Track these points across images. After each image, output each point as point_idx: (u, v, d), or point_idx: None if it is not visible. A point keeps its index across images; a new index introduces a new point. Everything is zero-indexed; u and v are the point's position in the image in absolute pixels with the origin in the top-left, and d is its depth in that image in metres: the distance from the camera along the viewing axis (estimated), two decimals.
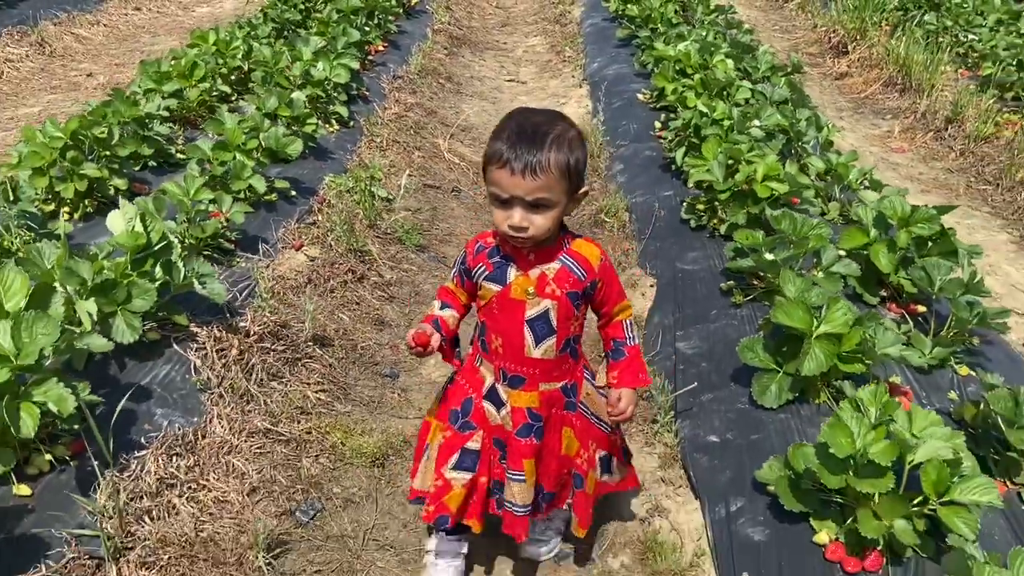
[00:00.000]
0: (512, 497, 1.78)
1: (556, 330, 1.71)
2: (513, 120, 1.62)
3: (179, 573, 1.78)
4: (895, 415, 1.88)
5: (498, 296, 1.71)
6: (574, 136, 1.61)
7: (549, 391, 1.78)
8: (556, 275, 1.69)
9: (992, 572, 1.47)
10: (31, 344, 1.80)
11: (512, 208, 1.58)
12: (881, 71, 6.17)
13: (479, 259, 1.73)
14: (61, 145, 2.93)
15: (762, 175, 3.10)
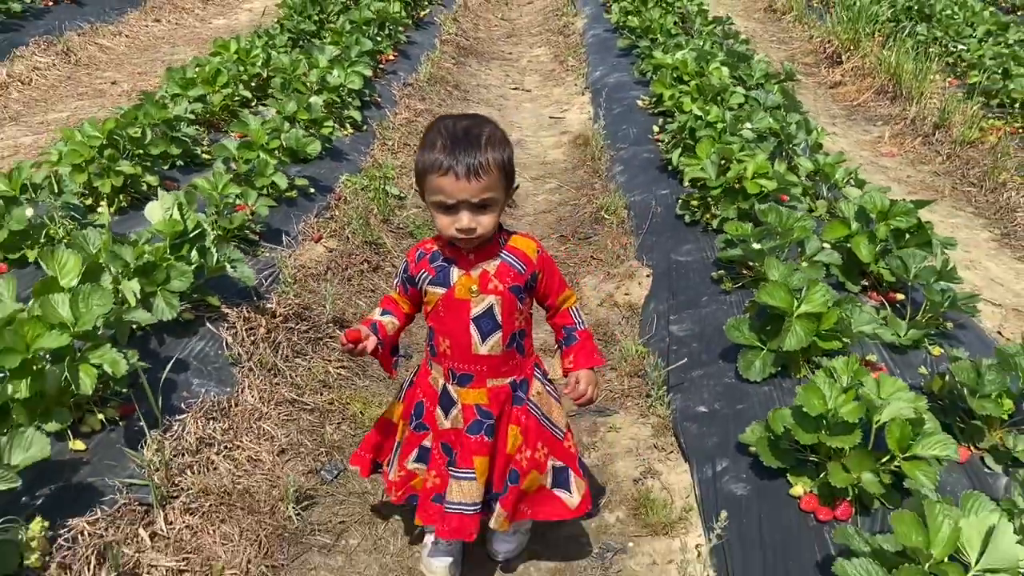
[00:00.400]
0: (461, 496, 1.80)
1: (501, 325, 1.76)
2: (441, 129, 1.66)
3: (219, 519, 1.98)
4: (864, 381, 2.08)
5: (443, 298, 1.75)
6: (501, 134, 1.69)
7: (497, 387, 1.82)
8: (497, 271, 1.74)
9: (943, 510, 1.66)
10: (87, 314, 2.02)
11: (459, 212, 1.63)
12: (873, 80, 6.39)
13: (421, 265, 1.79)
14: (99, 144, 3.16)
15: (752, 173, 3.31)
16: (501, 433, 1.85)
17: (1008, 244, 4.11)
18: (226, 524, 1.97)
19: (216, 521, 1.97)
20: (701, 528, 2.12)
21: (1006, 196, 4.48)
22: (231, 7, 7.93)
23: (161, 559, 1.85)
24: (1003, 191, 4.53)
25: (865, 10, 7.04)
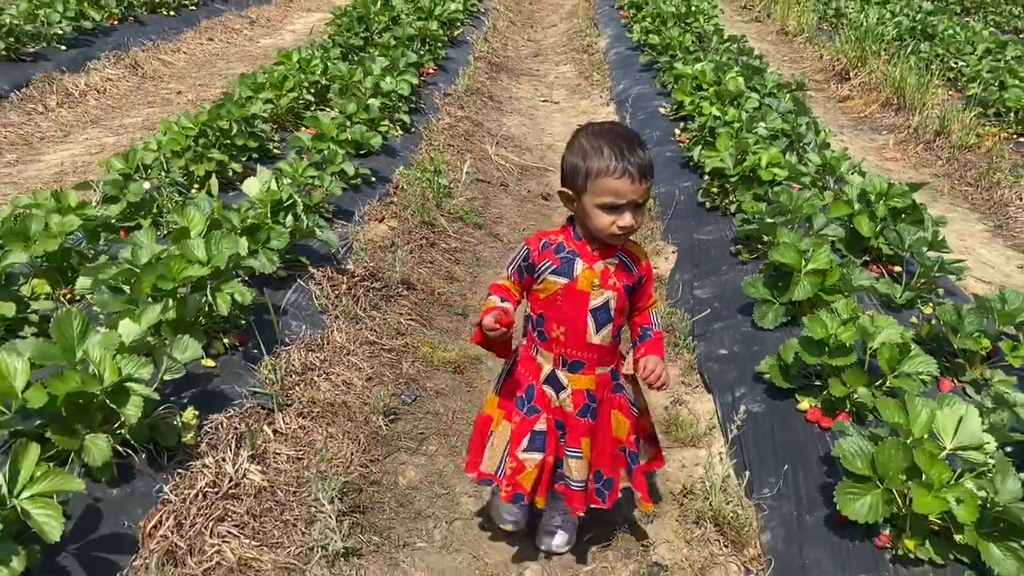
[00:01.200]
0: (570, 472, 1.95)
1: (613, 319, 1.88)
2: (604, 136, 1.76)
3: (325, 423, 2.40)
4: (861, 316, 2.48)
5: (564, 288, 1.84)
6: None
7: (603, 374, 1.94)
8: (616, 269, 1.86)
9: (923, 402, 2.05)
10: (219, 254, 2.45)
11: (623, 211, 1.75)
12: (879, 94, 6.82)
13: (545, 255, 1.86)
14: (194, 134, 3.63)
15: (766, 162, 3.74)
16: (602, 416, 1.97)
17: (1000, 234, 4.51)
18: (331, 427, 2.39)
19: (323, 424, 2.39)
20: (723, 441, 2.52)
21: (999, 193, 4.88)
22: (276, 29, 8.48)
23: (283, 448, 2.26)
24: (997, 189, 4.93)
25: (871, 30, 7.48)
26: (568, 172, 1.81)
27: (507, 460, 1.96)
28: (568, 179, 1.82)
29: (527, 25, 9.48)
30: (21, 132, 4.89)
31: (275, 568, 1.90)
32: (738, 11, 11.34)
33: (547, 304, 1.89)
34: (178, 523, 1.89)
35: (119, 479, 1.94)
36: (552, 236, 1.89)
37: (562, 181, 1.85)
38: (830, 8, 9.57)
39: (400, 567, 2.05)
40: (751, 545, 2.10)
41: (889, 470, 1.92)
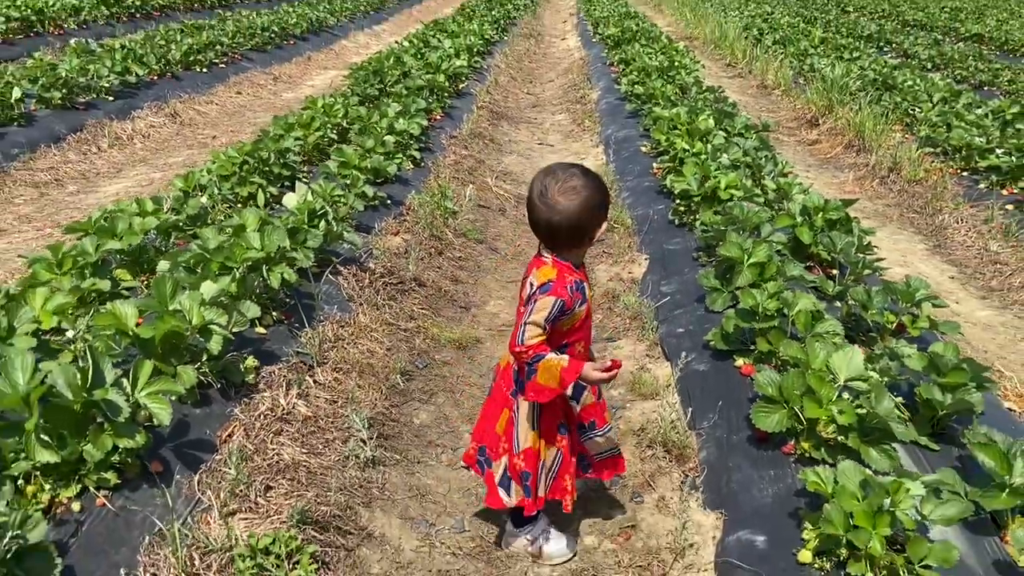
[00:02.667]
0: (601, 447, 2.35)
1: None
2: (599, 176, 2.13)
3: (354, 376, 2.99)
4: (784, 294, 3.08)
5: (587, 309, 2.12)
6: None
7: None
8: None
9: (821, 345, 2.63)
10: (270, 244, 3.08)
11: None
12: (843, 137, 7.52)
13: (576, 296, 2.06)
14: (240, 161, 4.30)
15: (725, 185, 4.39)
16: None
17: (938, 252, 5.12)
18: (359, 380, 2.99)
19: (353, 377, 2.98)
20: (676, 396, 3.10)
21: (940, 219, 5.51)
22: (297, 84, 9.29)
23: (322, 393, 2.85)
24: (938, 215, 5.56)
25: (837, 82, 8.24)
26: (598, 207, 2.03)
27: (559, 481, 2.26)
28: (597, 214, 2.04)
29: (527, 80, 10.30)
30: (79, 168, 5.58)
31: (320, 468, 2.47)
32: (723, 68, 12.19)
33: (572, 331, 2.11)
34: (246, 432, 2.47)
35: (201, 402, 2.53)
36: (564, 277, 2.05)
37: (587, 220, 2.02)
38: (805, 64, 10.38)
39: (415, 475, 2.63)
40: (691, 460, 2.67)
41: (791, 393, 2.50)
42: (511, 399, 2.21)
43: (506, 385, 2.23)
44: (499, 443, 2.24)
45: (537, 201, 2.03)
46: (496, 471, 2.24)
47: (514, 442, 2.20)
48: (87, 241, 3.01)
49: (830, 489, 2.11)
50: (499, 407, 2.25)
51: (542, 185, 2.03)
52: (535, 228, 2.08)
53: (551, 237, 2.06)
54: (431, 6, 18.74)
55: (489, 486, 2.26)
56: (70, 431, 2.05)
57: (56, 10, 9.73)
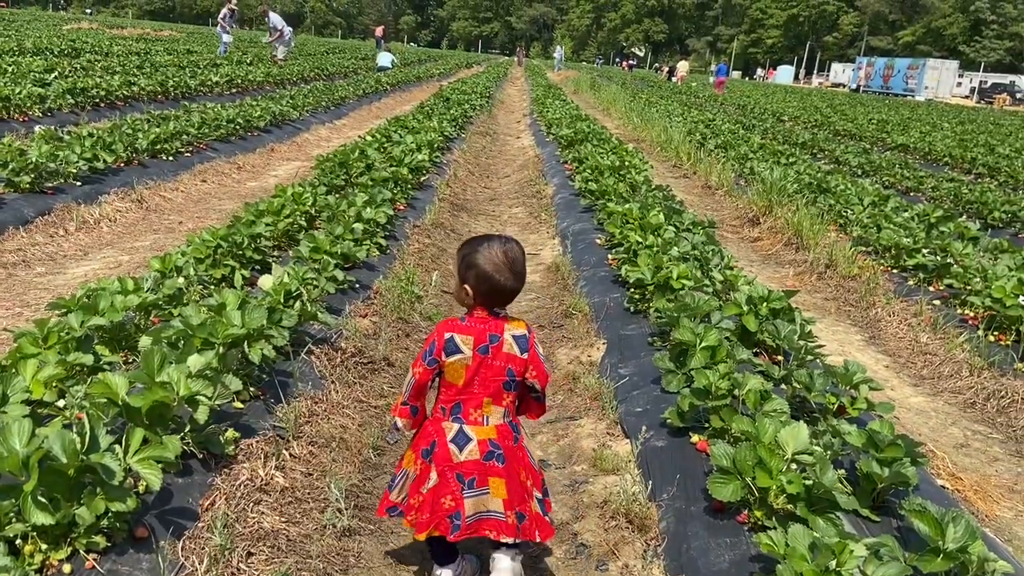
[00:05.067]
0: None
1: None
2: None
3: (329, 451, 3.09)
4: (735, 375, 3.32)
5: None
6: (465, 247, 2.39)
7: None
8: None
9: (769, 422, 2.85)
10: (251, 321, 3.22)
11: None
12: (783, 235, 8.02)
13: None
14: (214, 245, 4.46)
15: (677, 275, 4.69)
16: None
17: (873, 343, 5.48)
18: (333, 453, 3.09)
19: (327, 451, 3.09)
20: (636, 470, 3.27)
21: (874, 312, 5.90)
22: (260, 174, 9.53)
23: (297, 466, 2.95)
24: (872, 309, 5.96)
25: (775, 184, 8.82)
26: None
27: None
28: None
29: (484, 175, 10.73)
30: (46, 250, 5.64)
31: (299, 536, 2.56)
32: (669, 169, 12.87)
33: None
34: (227, 501, 2.55)
35: (183, 472, 2.61)
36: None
37: None
38: (745, 167, 11.06)
39: (390, 545, 2.72)
40: (652, 530, 2.82)
41: (744, 464, 2.70)
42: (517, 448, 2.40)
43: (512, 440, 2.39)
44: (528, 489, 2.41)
45: (513, 266, 2.33)
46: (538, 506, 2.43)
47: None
48: (72, 317, 3.11)
49: (782, 551, 2.28)
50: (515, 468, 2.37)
51: (512, 252, 2.34)
52: (503, 291, 2.33)
53: (512, 297, 2.39)
54: (389, 103, 19.41)
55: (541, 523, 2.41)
56: (64, 494, 2.13)
57: (22, 97, 9.89)
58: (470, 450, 2.32)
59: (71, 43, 21.35)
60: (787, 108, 26.85)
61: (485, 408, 2.36)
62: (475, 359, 2.31)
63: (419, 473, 2.37)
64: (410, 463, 2.42)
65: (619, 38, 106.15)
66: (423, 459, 2.37)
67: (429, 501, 2.32)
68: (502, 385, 2.35)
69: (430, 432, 2.39)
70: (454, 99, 16.88)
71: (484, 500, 2.32)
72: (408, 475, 2.41)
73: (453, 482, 2.31)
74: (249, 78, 16.84)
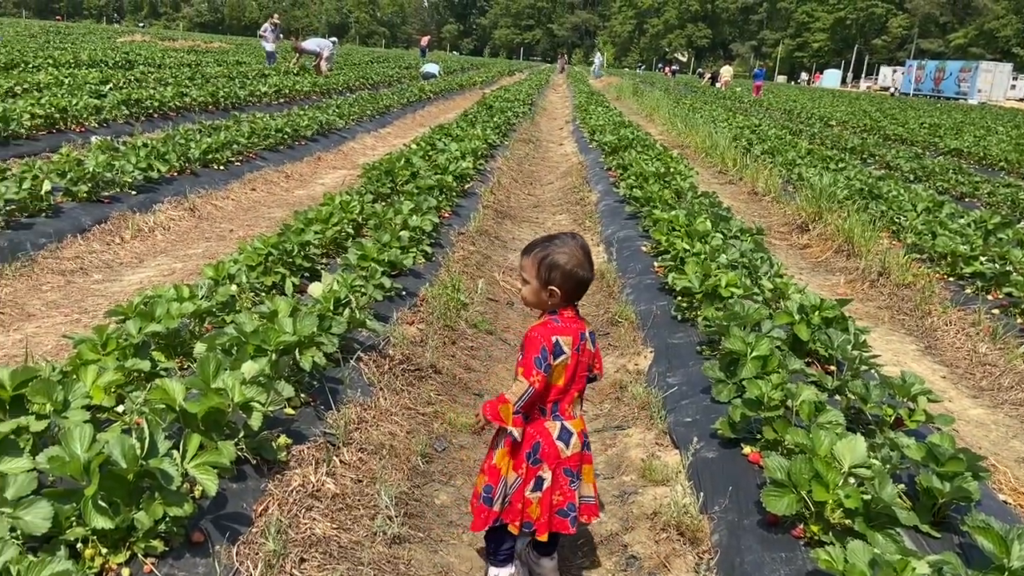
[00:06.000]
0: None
1: None
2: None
3: (378, 458, 3.11)
4: (788, 385, 3.26)
5: None
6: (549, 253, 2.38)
7: None
8: None
9: (825, 435, 2.78)
10: (302, 328, 3.26)
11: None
12: (833, 242, 7.86)
13: None
14: (265, 253, 4.52)
15: (725, 283, 4.62)
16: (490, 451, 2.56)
17: (929, 353, 5.33)
18: (382, 460, 3.10)
19: (376, 458, 3.10)
20: (686, 479, 3.22)
21: (930, 321, 5.75)
22: (308, 182, 9.67)
23: (347, 472, 2.97)
24: (928, 318, 5.80)
25: (825, 190, 8.66)
26: None
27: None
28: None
29: (527, 183, 10.74)
30: (103, 258, 5.79)
31: (350, 543, 2.57)
32: (714, 175, 12.73)
33: None
34: (280, 507, 2.58)
35: (237, 477, 2.65)
36: None
37: None
38: (793, 173, 10.88)
39: (439, 553, 2.72)
40: (704, 543, 2.77)
41: (800, 477, 2.64)
42: None
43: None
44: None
45: (589, 258, 2.44)
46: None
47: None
48: (130, 324, 3.18)
49: (841, 567, 2.22)
50: None
51: (586, 245, 2.46)
52: (586, 284, 2.45)
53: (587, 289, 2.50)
54: (432, 111, 19.56)
55: None
56: (123, 499, 2.17)
57: (79, 109, 10.19)
58: (573, 444, 2.46)
59: (125, 55, 21.96)
60: (835, 112, 26.38)
61: (575, 402, 2.49)
62: (573, 358, 2.41)
63: (525, 477, 2.43)
64: (510, 470, 2.45)
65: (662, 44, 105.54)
66: (528, 463, 2.43)
67: (547, 502, 2.44)
68: (586, 379, 2.52)
69: (532, 434, 2.43)
70: (497, 107, 16.94)
71: (581, 488, 2.50)
72: (509, 482, 2.45)
73: (562, 477, 2.45)
74: (296, 88, 17.12)
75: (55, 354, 3.94)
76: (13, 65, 16.29)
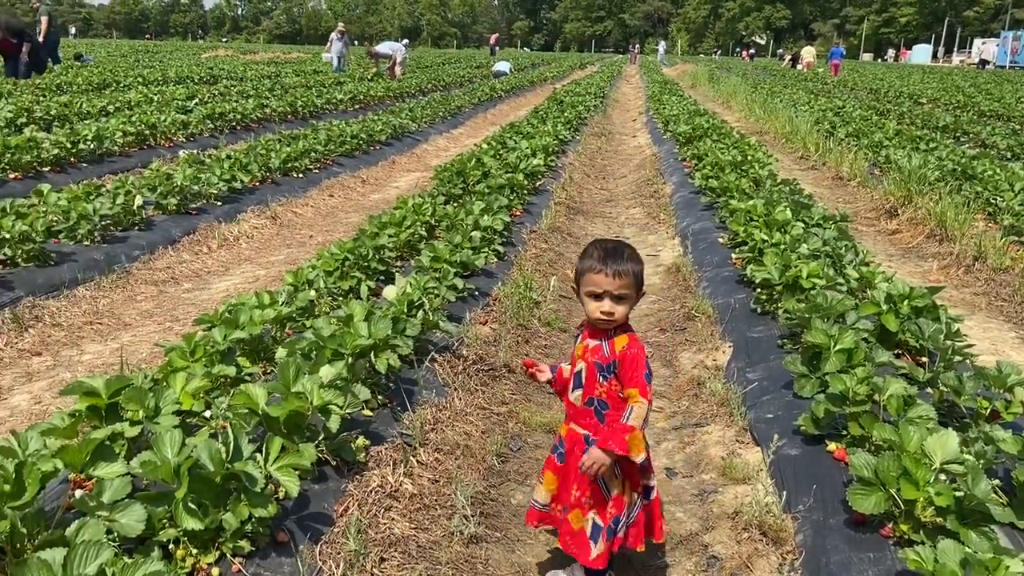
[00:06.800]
0: (535, 495, 2.54)
1: (584, 385, 2.38)
2: (597, 246, 2.33)
3: (454, 458, 3.14)
4: (875, 379, 3.13)
5: (571, 353, 2.50)
6: (638, 255, 2.36)
7: (574, 431, 2.43)
8: (593, 348, 2.37)
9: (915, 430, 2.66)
10: (377, 332, 3.32)
11: (603, 299, 2.29)
12: (924, 227, 7.52)
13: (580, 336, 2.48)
14: (342, 258, 4.63)
15: (807, 273, 4.48)
16: (571, 468, 2.42)
17: None
18: (458, 460, 3.14)
19: (452, 458, 3.14)
20: (767, 477, 3.13)
21: None
22: (383, 186, 9.86)
23: (424, 473, 3.01)
24: None
25: (915, 172, 8.28)
26: (575, 272, 2.43)
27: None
28: (574, 277, 2.44)
29: (600, 177, 10.66)
30: (192, 267, 6.04)
31: (428, 543, 2.61)
32: (795, 161, 12.36)
33: None
34: (360, 507, 2.63)
35: (318, 479, 2.72)
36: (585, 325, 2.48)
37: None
38: (880, 155, 10.46)
39: (516, 553, 2.73)
40: (787, 543, 2.69)
41: (887, 475, 2.53)
42: None
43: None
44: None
45: None
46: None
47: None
48: (216, 331, 3.31)
49: (931, 567, 2.12)
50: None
51: None
52: None
53: None
54: (503, 109, 19.64)
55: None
56: (211, 501, 2.26)
57: (167, 125, 10.65)
58: None
59: (209, 70, 22.86)
60: (925, 89, 25.21)
61: None
62: None
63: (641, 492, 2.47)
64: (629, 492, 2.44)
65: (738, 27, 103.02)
66: (643, 478, 2.47)
67: (658, 511, 2.53)
68: None
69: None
70: (568, 101, 16.88)
71: None
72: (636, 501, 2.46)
73: None
74: (371, 94, 17.46)
75: (149, 361, 4.13)
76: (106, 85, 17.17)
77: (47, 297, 4.98)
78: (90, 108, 12.02)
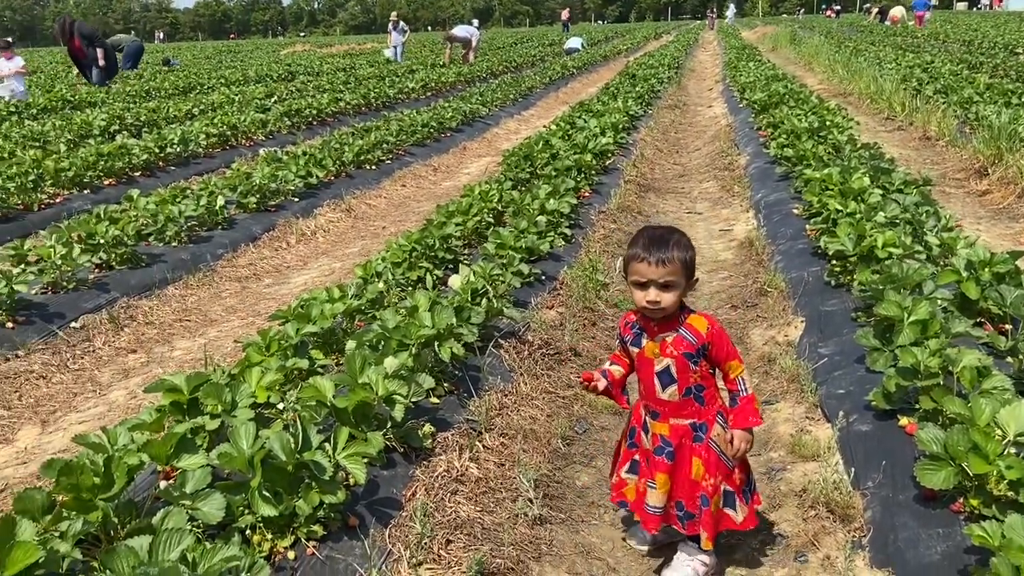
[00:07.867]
0: (647, 499, 2.48)
1: (677, 380, 2.36)
2: (643, 234, 2.33)
3: (518, 442, 3.21)
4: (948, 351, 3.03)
5: (637, 356, 2.43)
6: (686, 240, 2.33)
7: (678, 424, 2.41)
8: (674, 341, 2.34)
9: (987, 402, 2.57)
10: (440, 322, 3.41)
11: (648, 288, 2.28)
12: (1016, 186, 7.12)
13: (626, 331, 2.47)
14: (409, 249, 4.75)
15: (882, 243, 4.33)
16: (683, 461, 2.42)
17: None
18: (523, 444, 3.21)
19: (517, 442, 3.21)
20: (837, 454, 3.08)
21: None
22: (454, 173, 9.98)
23: (490, 457, 3.09)
24: None
25: (1004, 128, 7.84)
26: (622, 260, 2.45)
27: (616, 474, 2.67)
28: (622, 266, 2.44)
29: (672, 151, 10.50)
30: (272, 263, 6.30)
31: (493, 525, 2.69)
32: (880, 122, 11.85)
33: (635, 367, 2.50)
34: (427, 491, 2.74)
35: (387, 465, 2.83)
36: (631, 316, 2.49)
37: None
38: (970, 112, 9.92)
39: (580, 534, 2.78)
40: (855, 520, 2.66)
41: (956, 449, 2.46)
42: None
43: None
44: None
45: None
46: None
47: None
48: (289, 326, 3.47)
49: (997, 542, 2.07)
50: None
51: None
52: None
53: None
54: (575, 87, 19.49)
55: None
56: (284, 489, 2.39)
57: (247, 125, 11.06)
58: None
59: (287, 67, 23.52)
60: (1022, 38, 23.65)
61: None
62: None
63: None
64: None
65: None
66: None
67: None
68: None
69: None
70: (640, 75, 16.62)
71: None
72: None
73: None
74: (442, 80, 17.64)
75: (232, 355, 4.36)
76: (190, 88, 17.93)
77: (140, 297, 5.30)
78: (176, 112, 12.59)
